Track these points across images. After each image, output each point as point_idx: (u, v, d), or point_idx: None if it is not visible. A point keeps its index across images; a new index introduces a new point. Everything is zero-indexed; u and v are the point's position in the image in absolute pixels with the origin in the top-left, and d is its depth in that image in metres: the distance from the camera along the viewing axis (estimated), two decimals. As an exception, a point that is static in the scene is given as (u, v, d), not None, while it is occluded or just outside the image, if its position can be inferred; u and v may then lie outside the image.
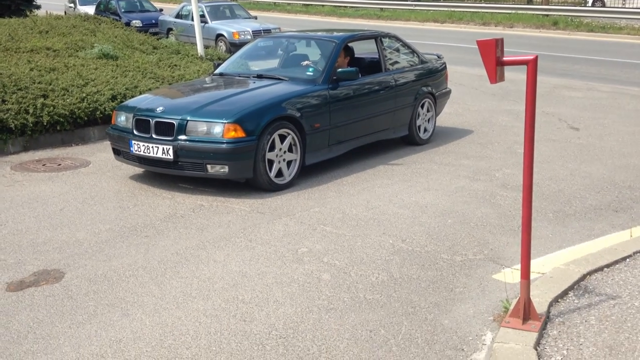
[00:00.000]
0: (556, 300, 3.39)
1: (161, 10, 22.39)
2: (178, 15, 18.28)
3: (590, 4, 27.28)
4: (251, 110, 5.55)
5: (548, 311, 3.26)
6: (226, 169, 5.42)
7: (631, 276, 3.75)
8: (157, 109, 5.73)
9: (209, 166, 5.44)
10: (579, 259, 3.92)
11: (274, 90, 6.08)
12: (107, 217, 5.07)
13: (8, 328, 3.35)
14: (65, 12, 22.05)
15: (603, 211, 5.27)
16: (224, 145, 5.35)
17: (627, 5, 24.86)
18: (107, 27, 12.56)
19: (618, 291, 3.56)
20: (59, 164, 6.72)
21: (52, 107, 7.41)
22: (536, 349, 2.89)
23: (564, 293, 3.46)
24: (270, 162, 5.64)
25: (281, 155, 5.73)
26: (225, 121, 5.40)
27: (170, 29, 17.73)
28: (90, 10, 20.66)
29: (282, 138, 5.73)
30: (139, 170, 6.31)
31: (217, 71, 7.12)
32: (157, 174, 6.08)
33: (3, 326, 3.37)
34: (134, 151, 5.73)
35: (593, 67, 14.24)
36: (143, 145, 5.63)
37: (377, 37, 7.29)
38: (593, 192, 5.78)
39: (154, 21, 19.70)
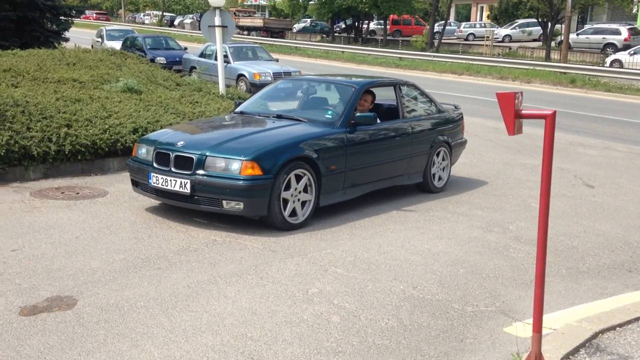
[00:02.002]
0: (567, 357, 3.36)
1: (185, 48, 22.95)
2: (202, 55, 18.72)
3: (608, 64, 27.54)
4: (269, 149, 5.65)
5: (559, 367, 3.23)
6: (241, 205, 5.48)
7: (644, 337, 3.71)
8: (178, 143, 5.84)
9: (224, 202, 5.51)
10: (591, 317, 3.89)
11: (292, 130, 6.19)
12: (121, 247, 5.12)
13: (19, 352, 3.38)
14: (92, 46, 22.68)
15: (617, 270, 5.24)
16: (240, 182, 5.43)
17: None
18: (132, 62, 12.88)
19: (630, 351, 3.52)
20: (77, 193, 6.83)
21: (74, 137, 7.57)
22: (546, 405, 2.86)
23: (576, 350, 3.43)
24: (285, 201, 5.70)
25: (296, 195, 5.79)
26: (243, 158, 5.49)
27: (193, 67, 18.14)
28: (117, 45, 21.22)
29: (298, 178, 5.80)
30: (155, 202, 6.39)
31: (238, 109, 7.27)
32: (173, 207, 6.15)
33: (14, 349, 3.40)
34: (152, 183, 5.83)
35: (609, 127, 14.30)
36: (162, 177, 5.73)
37: (396, 85, 7.43)
38: (607, 250, 5.75)
39: (178, 59, 20.17)
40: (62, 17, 18.52)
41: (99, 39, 25.53)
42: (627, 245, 5.93)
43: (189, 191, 5.58)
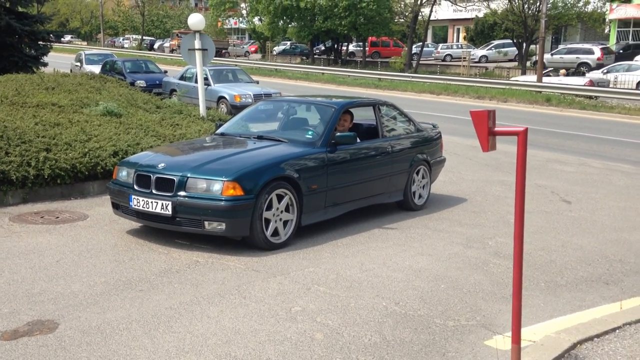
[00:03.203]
0: (547, 367, 3.42)
1: (165, 72, 22.99)
2: (182, 77, 18.78)
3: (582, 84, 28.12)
4: (250, 169, 5.69)
5: (539, 378, 3.28)
6: (223, 226, 5.50)
7: (620, 347, 3.79)
8: (159, 165, 5.86)
9: (206, 223, 5.52)
10: (569, 328, 3.96)
11: (273, 151, 6.24)
12: (102, 270, 5.10)
13: (-1, 376, 3.35)
14: (71, 70, 22.64)
15: (594, 283, 5.33)
16: (222, 203, 5.46)
17: (618, 86, 25.66)
18: (112, 86, 12.90)
19: (608, 361, 3.60)
20: (57, 217, 6.78)
21: (54, 161, 7.54)
22: (527, 415, 2.91)
23: (555, 360, 3.49)
24: (267, 221, 5.73)
25: (278, 215, 5.83)
26: (224, 179, 5.52)
27: (173, 90, 18.19)
28: (96, 69, 21.21)
29: (280, 198, 5.84)
30: (136, 225, 6.38)
31: (219, 131, 7.31)
32: (154, 229, 6.14)
33: (-6, 374, 3.37)
34: (133, 206, 5.82)
35: (585, 143, 14.59)
36: (142, 200, 5.73)
37: (375, 105, 7.55)
38: (584, 264, 5.86)
39: (158, 82, 20.20)
40: (40, 42, 18.53)
41: (78, 63, 25.48)
42: (604, 258, 6.05)
43: (170, 213, 5.59)
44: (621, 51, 35.56)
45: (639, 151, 13.62)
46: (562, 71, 29.43)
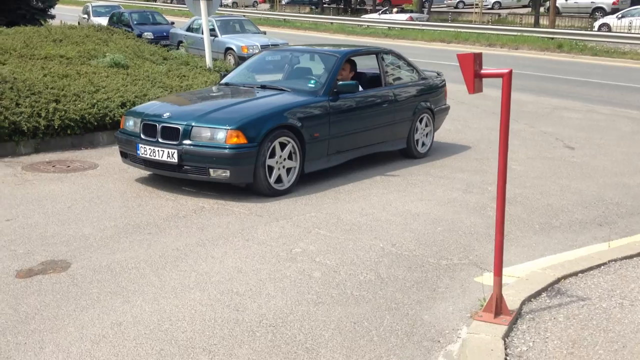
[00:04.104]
0: (529, 299, 3.61)
1: (172, 23, 22.86)
2: (189, 29, 18.70)
3: (596, 28, 27.59)
4: (253, 118, 5.82)
5: (520, 308, 3.47)
6: (228, 173, 5.68)
7: (603, 281, 3.96)
8: (164, 115, 6.00)
9: (211, 170, 5.69)
10: (555, 265, 4.14)
11: (276, 100, 6.35)
12: (112, 215, 5.32)
13: (17, 310, 3.60)
14: (79, 23, 22.56)
15: (588, 224, 5.48)
16: (226, 151, 5.62)
17: (632, 31, 25.17)
18: (119, 38, 12.91)
19: (589, 293, 3.77)
20: (68, 166, 7.00)
21: (63, 112, 7.71)
22: (504, 340, 3.11)
23: (537, 293, 3.68)
24: (270, 169, 5.89)
25: (281, 162, 5.98)
26: (228, 127, 5.66)
27: (180, 42, 18.12)
28: (103, 21, 21.13)
29: (283, 146, 5.98)
30: (144, 173, 6.58)
31: (223, 81, 7.41)
32: (162, 177, 6.34)
33: (12, 307, 3.62)
34: (140, 154, 6.00)
35: (594, 90, 14.48)
36: (149, 148, 5.91)
37: (378, 53, 7.58)
38: (581, 207, 5.99)
39: (165, 34, 20.14)
40: (47, -6, 18.43)
41: (85, 16, 25.38)
42: (600, 201, 6.17)
43: (176, 161, 5.76)
44: (638, -5, 34.61)
45: (648, 97, 13.53)
46: (395, 10, 37.38)
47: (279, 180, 6.02)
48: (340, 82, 6.64)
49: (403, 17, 34.54)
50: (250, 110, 6.02)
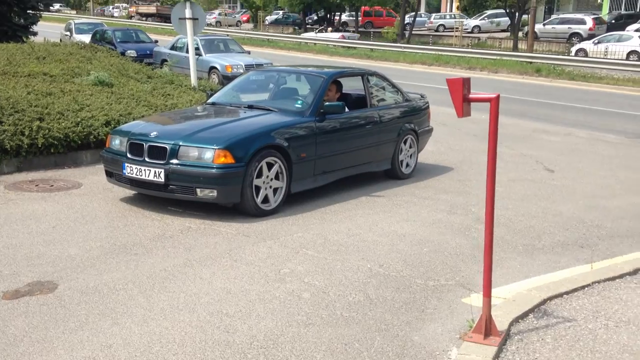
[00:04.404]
0: (517, 320, 3.66)
1: (156, 41, 22.89)
2: (173, 47, 18.75)
3: (573, 53, 28.23)
4: (241, 137, 5.85)
5: (508, 329, 3.53)
6: (215, 193, 5.68)
7: (588, 303, 4.04)
8: (151, 134, 6.01)
9: (198, 190, 5.70)
10: (541, 286, 4.20)
11: (263, 120, 6.39)
12: (98, 236, 5.29)
13: (5, 332, 3.55)
14: (60, 40, 22.46)
15: (570, 246, 5.58)
16: (213, 170, 5.63)
17: (608, 57, 25.80)
18: (103, 56, 12.91)
19: (574, 315, 3.84)
20: (52, 185, 6.94)
21: (47, 130, 7.65)
22: (495, 361, 3.15)
23: (525, 314, 3.73)
24: (257, 188, 5.91)
25: (268, 182, 6.01)
26: (215, 147, 5.68)
27: (164, 60, 18.16)
28: (85, 39, 21.09)
29: (270, 166, 6.01)
30: (129, 193, 6.55)
31: (210, 100, 7.44)
32: (147, 197, 6.32)
33: (0, 330, 3.57)
34: (126, 174, 5.99)
35: (572, 114, 14.78)
36: (136, 168, 5.89)
37: (364, 75, 7.68)
38: (562, 229, 6.10)
39: (148, 52, 20.15)
40: (29, 11, 18.39)
41: (68, 33, 25.29)
42: (581, 224, 6.29)
43: (163, 180, 5.76)
44: (613, 21, 35.58)
45: (625, 121, 13.84)
46: (330, 29, 40.68)
47: (265, 200, 6.04)
48: (327, 103, 6.72)
49: (336, 35, 37.66)
50: (238, 130, 6.05)
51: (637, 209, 6.92)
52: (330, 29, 42.04)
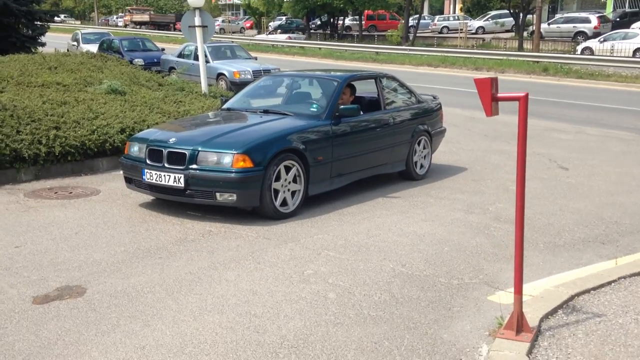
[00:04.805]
0: (546, 316, 3.67)
1: (163, 49, 23.01)
2: (180, 55, 18.85)
3: (579, 52, 28.20)
4: (259, 142, 5.89)
5: (539, 325, 3.54)
6: (234, 197, 5.72)
7: (615, 298, 4.04)
8: (170, 140, 6.06)
9: (218, 194, 5.74)
10: (567, 283, 4.21)
11: (280, 124, 6.44)
12: (121, 241, 5.33)
13: (38, 335, 3.59)
14: (68, 50, 22.61)
15: (591, 243, 5.58)
16: (232, 175, 5.67)
17: (614, 54, 25.76)
18: (113, 65, 13.00)
19: (603, 310, 3.85)
20: (70, 192, 7.00)
21: (64, 139, 7.73)
22: (528, 357, 3.16)
23: (554, 311, 3.74)
24: (276, 192, 5.95)
25: (286, 186, 6.05)
26: (234, 152, 5.73)
27: (172, 68, 18.27)
28: (92, 48, 21.21)
29: (288, 169, 6.05)
30: (147, 198, 6.60)
31: (225, 106, 7.50)
32: (165, 202, 6.36)
33: (33, 333, 3.61)
34: (146, 179, 6.04)
35: (582, 112, 14.77)
36: (155, 173, 5.94)
37: (377, 78, 7.72)
38: (581, 226, 6.10)
39: (156, 60, 20.26)
40: (37, 22, 18.53)
41: (75, 43, 25.45)
42: (600, 220, 6.29)
43: (183, 185, 5.80)
44: (618, 19, 35.49)
45: (635, 118, 13.81)
46: (279, 31, 44.24)
47: (284, 203, 6.07)
48: (342, 106, 6.76)
49: (283, 36, 40.66)
50: (256, 135, 6.09)
51: (654, 205, 6.91)
52: (279, 30, 45.92)
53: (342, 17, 47.26)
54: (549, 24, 35.24)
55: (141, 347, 3.47)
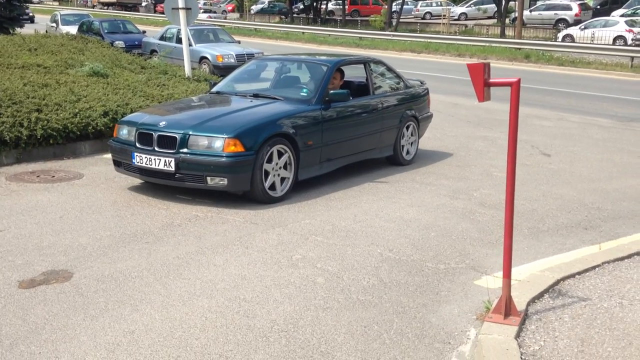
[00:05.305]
0: (533, 300, 3.73)
1: (144, 32, 22.68)
2: (162, 38, 18.60)
3: (560, 39, 28.40)
4: (250, 126, 5.88)
5: (526, 309, 3.59)
6: (225, 181, 5.71)
7: (600, 282, 4.12)
8: (160, 124, 6.01)
9: (208, 178, 5.72)
10: (553, 267, 4.28)
11: (270, 108, 6.42)
12: (106, 225, 5.28)
13: (25, 320, 3.56)
14: (47, 31, 22.19)
15: (574, 228, 5.66)
16: (223, 159, 5.65)
17: (595, 42, 25.98)
18: (94, 47, 12.79)
19: (588, 294, 3.92)
20: (53, 176, 6.90)
21: (45, 121, 7.60)
22: (517, 340, 3.22)
23: (540, 295, 3.80)
24: (267, 176, 5.96)
25: (277, 170, 6.05)
26: (225, 136, 5.70)
27: (153, 51, 18.02)
28: (72, 30, 20.83)
29: (279, 154, 6.06)
30: (132, 182, 6.54)
31: (214, 90, 7.46)
32: (150, 186, 6.32)
33: (20, 318, 3.58)
34: (135, 163, 5.99)
35: (563, 99, 14.90)
36: (145, 157, 5.90)
37: (366, 63, 7.72)
38: (564, 211, 6.18)
39: (137, 42, 19.97)
40: (15, 3, 18.13)
41: (54, 24, 24.99)
42: (582, 206, 6.38)
43: (173, 169, 5.77)
44: (598, 7, 35.78)
45: (615, 105, 13.98)
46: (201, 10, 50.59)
47: (274, 187, 6.08)
48: (332, 91, 6.75)
49: (204, 15, 42.72)
50: (247, 119, 6.07)
51: (635, 191, 7.03)
52: (201, 10, 49.57)
53: (325, 2, 46.95)
54: (530, 11, 35.41)
55: (130, 331, 3.45)
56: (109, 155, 7.81)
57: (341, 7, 44.15)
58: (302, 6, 49.43)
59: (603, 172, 7.91)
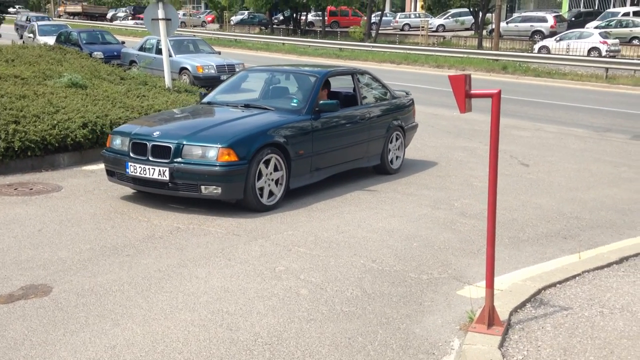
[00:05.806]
0: (515, 310, 3.76)
1: (123, 42, 22.55)
2: (142, 48, 18.49)
3: (536, 50, 28.84)
4: (243, 136, 5.95)
5: (509, 319, 3.62)
6: (219, 190, 5.74)
7: (581, 291, 4.16)
8: (154, 134, 6.05)
9: (202, 187, 5.75)
10: (534, 277, 4.32)
11: (262, 118, 6.50)
12: (86, 238, 5.22)
13: (4, 336, 3.49)
14: (23, 42, 21.97)
15: (553, 238, 5.73)
16: (217, 168, 5.69)
17: (570, 53, 26.43)
18: (72, 57, 12.70)
19: (570, 303, 3.96)
20: (31, 189, 6.80)
21: (23, 133, 7.50)
22: (500, 350, 3.23)
23: (522, 304, 3.83)
24: (260, 185, 6.00)
25: (269, 178, 6.12)
26: (219, 146, 5.75)
27: (133, 61, 17.91)
28: (49, 40, 20.60)
29: (270, 163, 6.11)
30: (112, 194, 6.48)
31: (205, 100, 7.53)
32: (131, 199, 6.27)
33: (-2, 334, 3.51)
34: (129, 172, 6.00)
35: (540, 109, 15.12)
36: (139, 167, 5.91)
37: (354, 74, 7.86)
38: (544, 221, 6.25)
39: (115, 53, 19.83)
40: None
41: (31, 35, 24.73)
42: (561, 215, 6.46)
43: (167, 178, 5.80)
44: (573, 19, 36.46)
45: (591, 116, 14.22)
46: (130, 18, 51.58)
47: (267, 195, 6.15)
48: (322, 102, 6.86)
49: (131, 22, 45.51)
50: (239, 129, 6.14)
51: (612, 200, 7.14)
52: (130, 18, 52.92)
53: (304, 13, 47.17)
54: (507, 23, 35.94)
55: (112, 346, 3.40)
56: (88, 167, 7.77)
57: (321, 18, 44.42)
58: (282, 17, 49.61)
59: (580, 182, 8.02)
